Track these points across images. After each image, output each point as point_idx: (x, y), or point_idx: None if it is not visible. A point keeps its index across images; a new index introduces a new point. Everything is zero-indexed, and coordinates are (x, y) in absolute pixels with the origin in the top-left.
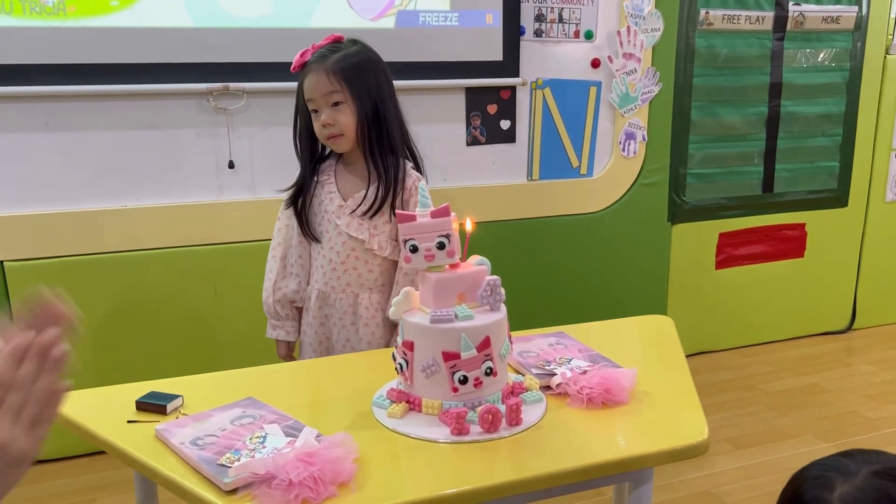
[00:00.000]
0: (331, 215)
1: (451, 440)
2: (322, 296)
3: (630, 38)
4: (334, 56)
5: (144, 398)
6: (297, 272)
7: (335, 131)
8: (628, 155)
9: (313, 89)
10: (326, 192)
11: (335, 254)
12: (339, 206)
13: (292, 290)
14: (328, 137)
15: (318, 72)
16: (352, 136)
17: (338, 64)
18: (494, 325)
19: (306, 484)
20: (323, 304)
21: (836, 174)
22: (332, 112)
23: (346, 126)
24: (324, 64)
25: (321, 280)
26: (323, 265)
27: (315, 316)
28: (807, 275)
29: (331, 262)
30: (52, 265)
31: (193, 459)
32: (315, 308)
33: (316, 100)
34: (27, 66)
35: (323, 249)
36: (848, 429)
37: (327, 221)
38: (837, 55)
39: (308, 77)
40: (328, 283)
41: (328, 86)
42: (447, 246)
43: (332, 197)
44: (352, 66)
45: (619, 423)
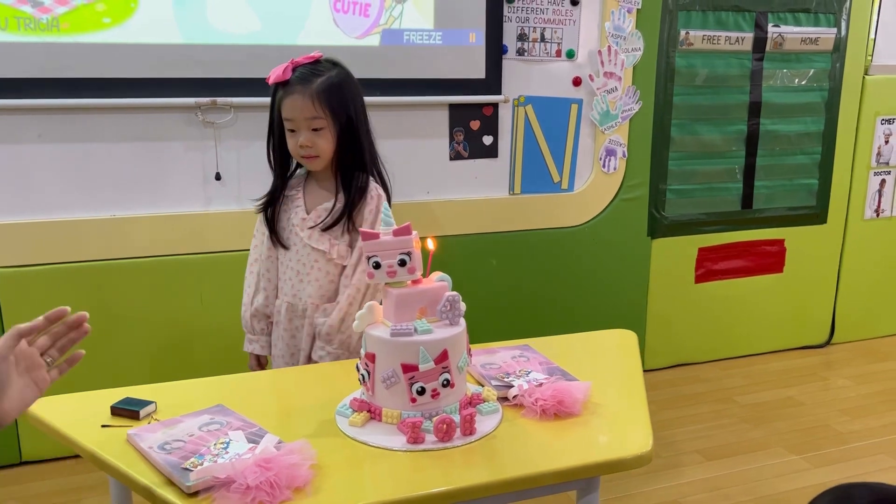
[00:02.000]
0: (295, 227)
1: (407, 448)
2: (291, 307)
3: (611, 58)
4: (318, 80)
5: (119, 404)
6: (264, 286)
7: (312, 153)
8: (609, 170)
9: (296, 111)
10: (294, 205)
11: (301, 265)
12: (302, 219)
13: (262, 304)
14: (303, 157)
15: (303, 95)
16: (327, 158)
17: (321, 88)
18: (452, 339)
19: (263, 488)
20: (292, 315)
21: (815, 191)
22: (311, 135)
23: (324, 149)
24: (308, 87)
25: (289, 292)
26: (290, 277)
27: (286, 328)
28: (786, 290)
29: (297, 273)
30: (42, 272)
31: (160, 463)
32: (285, 320)
33: (297, 121)
34: (21, 79)
35: (290, 261)
36: (818, 442)
37: (293, 234)
38: (816, 75)
39: (290, 98)
40: (296, 294)
41: (311, 111)
42: (408, 263)
43: (298, 210)
44: (333, 92)
45: (570, 434)
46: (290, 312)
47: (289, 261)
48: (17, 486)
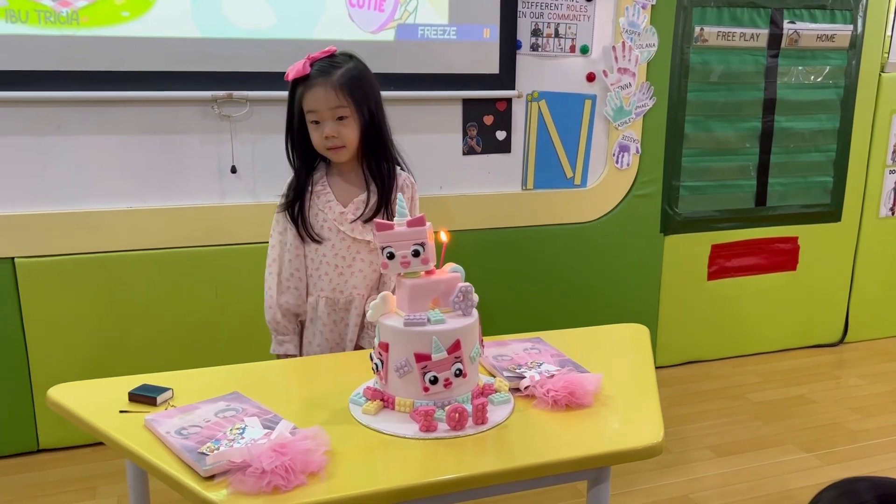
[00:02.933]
0: (332, 223)
1: (420, 436)
2: (330, 302)
3: (625, 54)
4: (338, 71)
5: (136, 390)
6: (295, 285)
7: (338, 143)
8: (622, 167)
9: (319, 103)
10: (324, 201)
11: (340, 259)
12: (341, 213)
13: (293, 303)
14: (329, 148)
15: (325, 86)
16: (353, 148)
17: (343, 79)
18: (465, 329)
19: (278, 472)
20: (332, 309)
21: (829, 189)
22: (336, 125)
23: (349, 139)
24: (329, 79)
25: (327, 287)
26: (328, 272)
27: (325, 323)
28: (799, 288)
29: (336, 267)
30: (60, 262)
31: (177, 448)
32: (324, 315)
33: (320, 112)
34: (41, 72)
35: (326, 256)
36: (830, 439)
37: (328, 229)
38: (832, 72)
39: (313, 90)
40: (336, 288)
41: (335, 100)
42: (422, 254)
43: (331, 205)
44: (355, 82)
45: (581, 425)
46: (329, 307)
47: (323, 256)
48: (35, 474)
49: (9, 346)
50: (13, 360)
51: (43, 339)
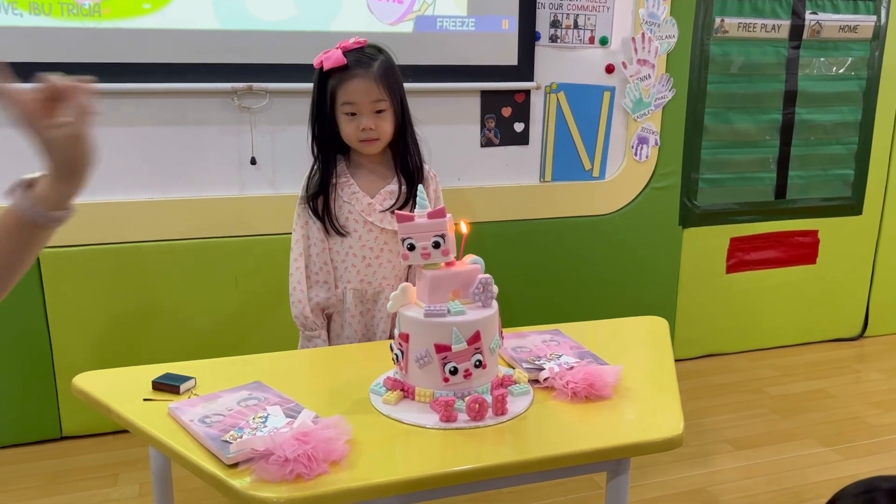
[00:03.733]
0: (359, 214)
1: (440, 426)
2: (358, 293)
3: (645, 45)
4: (376, 63)
5: (160, 379)
6: (324, 279)
7: (373, 136)
8: (641, 159)
9: (360, 94)
10: (349, 192)
11: (368, 250)
12: (368, 204)
13: (324, 297)
14: (363, 140)
15: (366, 78)
16: (386, 141)
17: (382, 70)
18: (485, 321)
19: (300, 461)
20: (359, 301)
21: (850, 182)
22: (374, 118)
23: (385, 132)
24: (369, 70)
25: (355, 279)
26: (355, 263)
27: (353, 315)
28: (819, 281)
29: (364, 258)
30: (83, 252)
31: (200, 436)
32: (352, 307)
33: (360, 104)
34: (63, 64)
35: (353, 248)
36: (849, 434)
37: (353, 220)
38: (854, 64)
39: (352, 81)
40: (363, 279)
41: (376, 93)
42: (442, 245)
43: (358, 196)
44: (390, 74)
45: (600, 416)
46: (356, 298)
47: (349, 248)
48: (58, 461)
49: (33, 335)
50: (37, 348)
51: (66, 328)
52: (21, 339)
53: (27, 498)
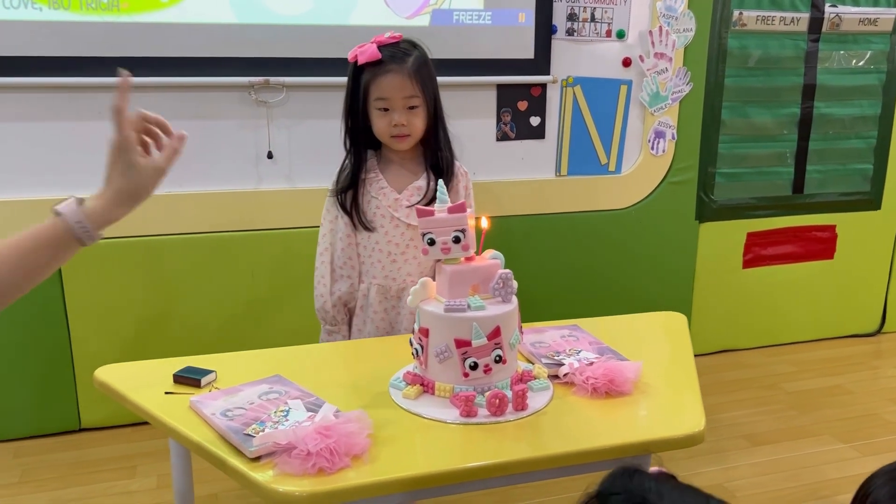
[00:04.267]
0: (385, 209)
1: (460, 421)
2: (382, 290)
3: (662, 38)
4: (410, 59)
5: (181, 372)
6: (348, 273)
7: (405, 131)
8: (657, 153)
9: (393, 90)
10: (377, 188)
11: (394, 246)
12: (395, 200)
13: (346, 291)
14: (394, 136)
15: (400, 74)
16: (418, 137)
17: (416, 67)
18: (505, 316)
19: (323, 455)
20: (383, 297)
21: (869, 176)
22: (406, 114)
23: (417, 128)
24: (404, 66)
25: (380, 274)
26: (381, 259)
27: (376, 310)
28: (836, 277)
29: (389, 254)
30: (102, 246)
31: (222, 429)
32: (375, 303)
33: (393, 100)
34: (82, 58)
35: (379, 244)
36: (867, 430)
37: (380, 216)
38: (874, 57)
39: (386, 77)
40: (388, 275)
41: (410, 89)
42: (462, 240)
43: (385, 192)
44: (424, 70)
45: (621, 412)
46: (380, 294)
47: (375, 243)
48: (77, 452)
49: (52, 328)
50: (56, 341)
51: (85, 320)
52: (40, 331)
53: (47, 489)
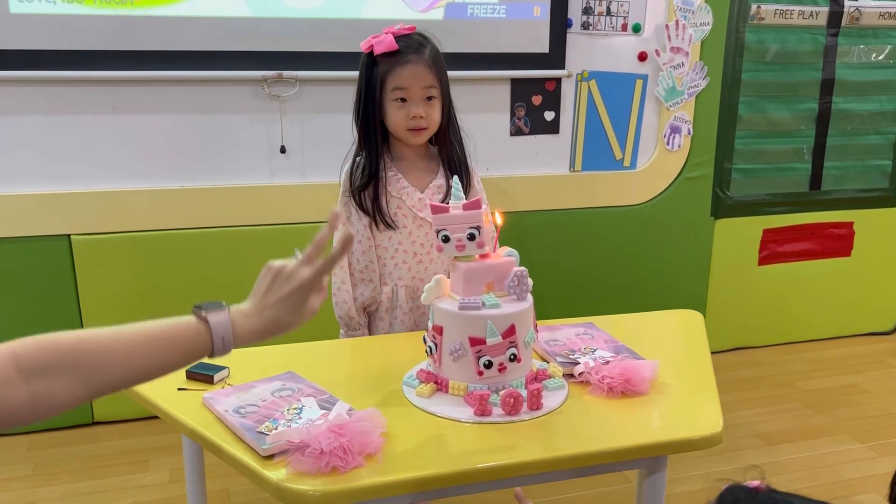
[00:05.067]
0: (408, 209)
1: (474, 420)
2: (410, 291)
3: (678, 32)
4: (427, 50)
5: (194, 368)
6: (369, 277)
7: (423, 124)
8: (673, 148)
9: (413, 80)
10: (398, 187)
11: (419, 246)
12: (419, 199)
13: (369, 296)
14: (411, 129)
15: (419, 64)
16: (434, 130)
17: (433, 59)
18: (520, 314)
19: (336, 453)
20: (411, 297)
21: (888, 173)
22: (424, 105)
23: (434, 121)
24: (422, 56)
25: (406, 276)
26: (406, 260)
27: (405, 311)
28: (853, 274)
29: (415, 255)
30: (114, 240)
31: (235, 426)
32: (404, 304)
33: (412, 90)
34: (96, 52)
35: (403, 244)
36: (884, 430)
37: (403, 216)
38: (894, 52)
39: (405, 67)
40: (415, 276)
41: (429, 79)
42: (477, 237)
43: (408, 191)
44: (440, 61)
45: (637, 412)
46: (409, 295)
47: (399, 244)
48: (90, 446)
49: (65, 321)
50: None
51: (98, 313)
52: (53, 324)
53: (60, 482)
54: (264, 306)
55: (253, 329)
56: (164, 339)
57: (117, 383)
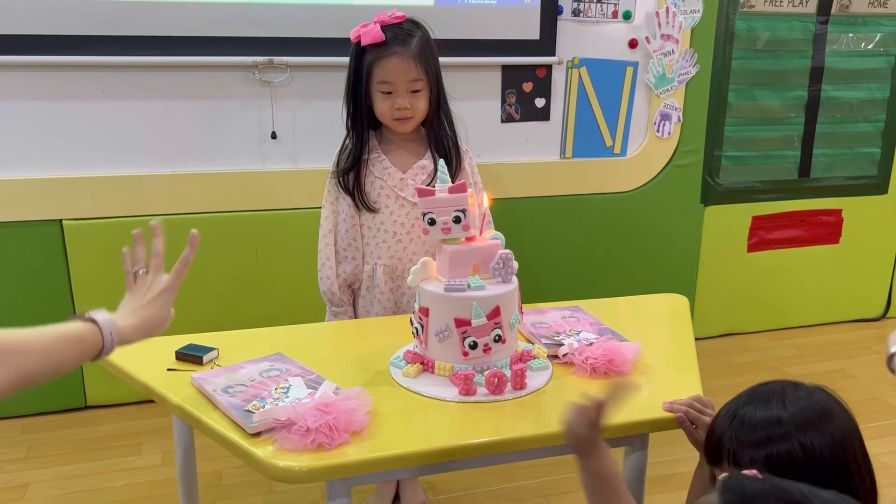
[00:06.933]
0: (390, 189)
1: (459, 399)
2: (389, 269)
3: (669, 20)
4: (414, 41)
5: (183, 349)
6: (352, 255)
7: (408, 114)
8: (663, 135)
9: (398, 74)
10: (380, 168)
11: (399, 226)
12: (401, 180)
13: (351, 273)
14: (397, 119)
15: (405, 57)
16: (420, 119)
17: (419, 49)
18: (505, 296)
19: (322, 430)
20: (389, 277)
21: (876, 160)
22: (410, 97)
23: (420, 111)
24: (407, 49)
25: (385, 255)
26: (386, 239)
27: (383, 291)
28: (841, 261)
29: (395, 234)
30: (106, 225)
31: (223, 405)
32: (382, 283)
33: (396, 83)
34: (87, 37)
35: (384, 224)
36: (870, 414)
37: (385, 196)
38: (884, 40)
39: (391, 60)
40: (393, 255)
41: (414, 73)
42: (463, 220)
43: (390, 172)
44: (428, 53)
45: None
46: (387, 274)
47: (380, 224)
48: (83, 429)
49: (57, 306)
50: (61, 318)
51: (89, 298)
52: (45, 308)
53: (53, 464)
54: (137, 308)
55: (133, 325)
56: (68, 337)
57: (37, 375)
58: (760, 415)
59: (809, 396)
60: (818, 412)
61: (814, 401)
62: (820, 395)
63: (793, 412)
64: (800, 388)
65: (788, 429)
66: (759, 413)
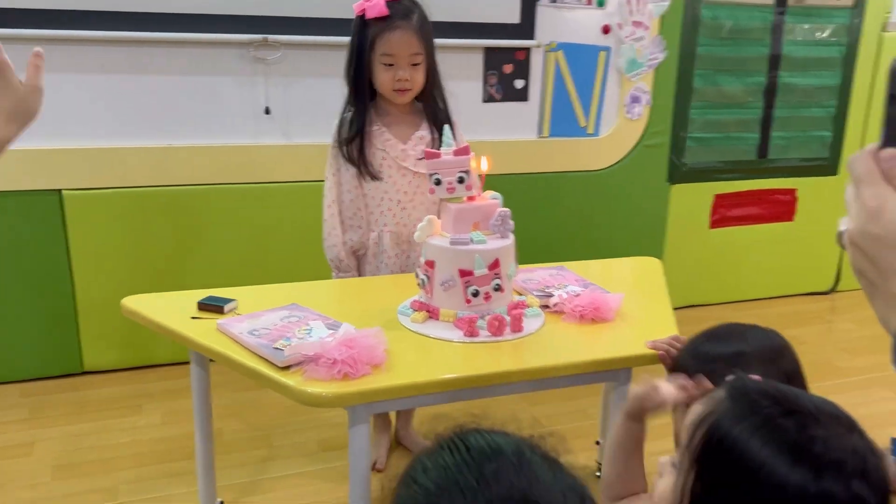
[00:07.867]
0: (392, 160)
1: (464, 340)
2: (395, 236)
3: (639, 7)
4: (415, 15)
5: (205, 300)
6: (358, 223)
7: (407, 86)
8: (633, 117)
9: (400, 47)
10: (382, 140)
11: (402, 194)
12: (402, 150)
13: (357, 240)
14: (397, 90)
15: (407, 30)
16: (418, 91)
17: (420, 25)
18: (503, 250)
19: (347, 362)
20: (396, 243)
21: (828, 144)
22: (410, 70)
23: (418, 83)
24: (410, 23)
25: (391, 222)
26: (391, 207)
27: (390, 256)
28: (795, 238)
29: (399, 202)
30: (104, 195)
31: (252, 345)
32: (389, 248)
33: (399, 56)
34: (86, 12)
35: (388, 193)
36: (818, 375)
37: (388, 166)
38: (836, 30)
39: (394, 34)
40: (399, 222)
41: (415, 46)
42: (466, 180)
43: (391, 143)
44: (427, 28)
45: (605, 335)
46: (394, 240)
47: (385, 192)
48: (81, 393)
49: (56, 274)
50: (60, 286)
51: (88, 267)
52: (44, 277)
53: (58, 424)
54: None
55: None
56: None
57: None
58: (720, 349)
59: (766, 335)
60: (775, 349)
61: (770, 339)
62: (774, 335)
63: (754, 346)
64: (756, 327)
65: (750, 360)
66: (718, 348)
